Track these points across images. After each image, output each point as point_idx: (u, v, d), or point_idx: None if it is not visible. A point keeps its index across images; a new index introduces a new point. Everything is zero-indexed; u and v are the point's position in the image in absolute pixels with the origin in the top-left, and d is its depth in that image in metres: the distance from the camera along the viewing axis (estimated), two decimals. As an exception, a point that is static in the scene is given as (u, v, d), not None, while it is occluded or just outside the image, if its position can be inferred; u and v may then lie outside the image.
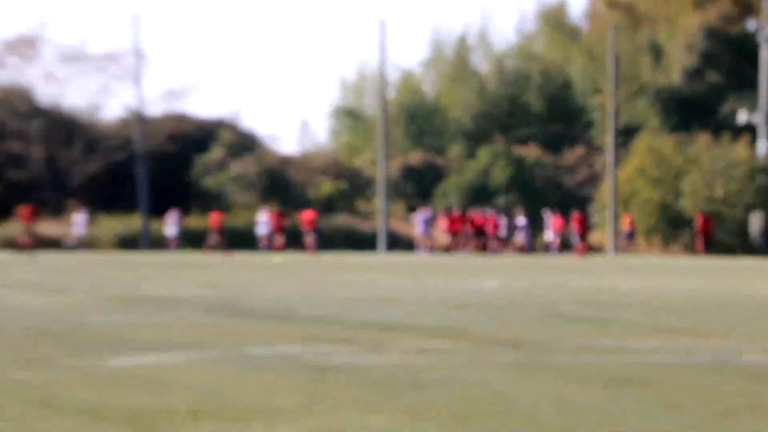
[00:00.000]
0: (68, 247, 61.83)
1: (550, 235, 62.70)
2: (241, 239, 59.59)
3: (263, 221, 57.67)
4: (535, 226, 63.46)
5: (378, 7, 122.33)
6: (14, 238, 58.82)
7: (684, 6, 77.90)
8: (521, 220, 61.15)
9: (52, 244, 60.77)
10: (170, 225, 61.78)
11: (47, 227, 61.42)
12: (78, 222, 61.46)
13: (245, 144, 74.05)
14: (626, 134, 70.49)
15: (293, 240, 58.81)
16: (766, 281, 32.71)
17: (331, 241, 61.37)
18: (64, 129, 70.48)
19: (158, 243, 61.51)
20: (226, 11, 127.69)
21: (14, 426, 7.38)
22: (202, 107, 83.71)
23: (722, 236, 63.35)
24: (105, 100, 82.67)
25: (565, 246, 63.86)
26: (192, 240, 60.89)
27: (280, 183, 71.90)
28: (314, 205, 64.91)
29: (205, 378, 9.59)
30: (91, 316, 16.82)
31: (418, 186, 73.67)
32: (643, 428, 7.32)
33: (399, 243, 65.84)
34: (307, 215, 58.55)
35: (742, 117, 67.24)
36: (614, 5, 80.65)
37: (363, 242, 64.32)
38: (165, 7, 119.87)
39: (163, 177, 67.10)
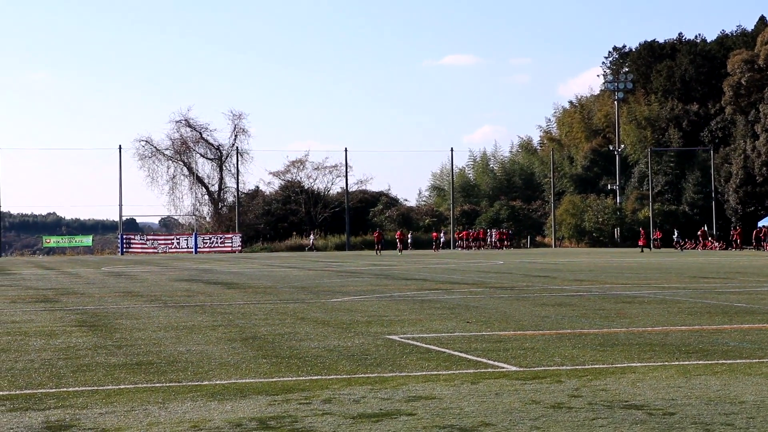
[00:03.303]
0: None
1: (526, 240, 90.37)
2: (391, 245, 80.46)
3: (398, 237, 77.74)
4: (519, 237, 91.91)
5: (449, 140, 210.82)
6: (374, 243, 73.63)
7: (581, 139, 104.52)
8: (510, 234, 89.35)
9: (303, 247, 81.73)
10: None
11: (303, 240, 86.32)
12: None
13: (392, 202, 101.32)
14: (559, 195, 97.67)
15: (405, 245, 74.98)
16: (622, 258, 42.86)
17: (432, 243, 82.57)
18: (314, 197, 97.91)
19: (353, 247, 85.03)
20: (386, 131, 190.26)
21: (285, 329, 10.09)
22: (373, 185, 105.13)
23: (603, 238, 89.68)
24: (331, 185, 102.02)
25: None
26: (368, 245, 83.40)
27: (406, 219, 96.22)
28: (422, 228, 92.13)
29: (372, 307, 13.16)
30: (322, 279, 22.26)
31: (467, 219, 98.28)
32: (571, 324, 11.10)
33: (457, 244, 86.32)
34: (399, 233, 77.71)
35: (608, 187, 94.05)
36: (551, 139, 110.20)
37: (444, 244, 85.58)
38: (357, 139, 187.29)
39: (356, 217, 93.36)
